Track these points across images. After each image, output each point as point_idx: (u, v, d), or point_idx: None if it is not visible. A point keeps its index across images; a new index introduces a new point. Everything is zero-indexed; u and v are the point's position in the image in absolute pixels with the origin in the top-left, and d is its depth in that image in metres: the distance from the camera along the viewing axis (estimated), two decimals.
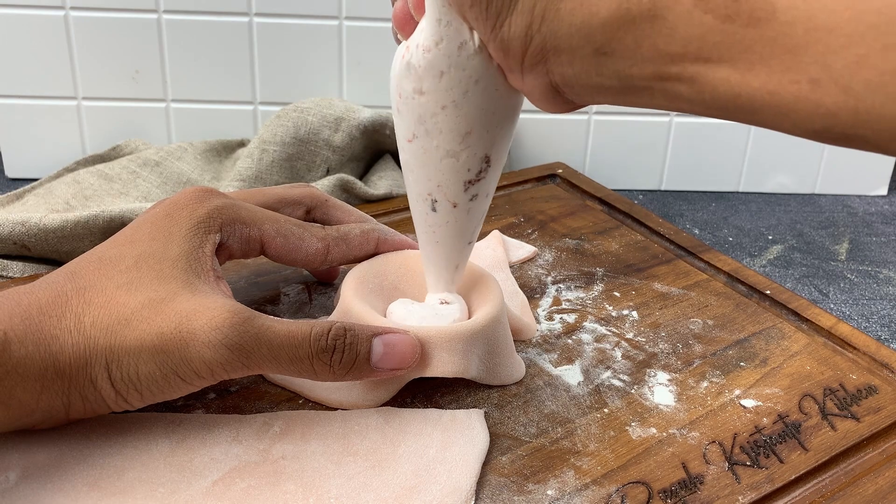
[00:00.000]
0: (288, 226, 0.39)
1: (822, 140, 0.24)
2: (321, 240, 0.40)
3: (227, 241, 0.37)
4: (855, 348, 0.44)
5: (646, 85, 0.26)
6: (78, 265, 0.34)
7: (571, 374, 0.41)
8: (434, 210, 0.37)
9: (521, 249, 0.53)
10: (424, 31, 0.32)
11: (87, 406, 0.32)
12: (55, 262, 0.50)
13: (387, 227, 0.44)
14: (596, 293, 0.49)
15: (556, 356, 0.42)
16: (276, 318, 0.34)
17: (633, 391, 0.40)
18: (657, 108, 0.28)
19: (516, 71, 0.30)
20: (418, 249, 0.41)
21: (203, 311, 0.32)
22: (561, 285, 0.49)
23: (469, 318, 0.40)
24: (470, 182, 0.35)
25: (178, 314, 0.32)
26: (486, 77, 0.32)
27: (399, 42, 0.35)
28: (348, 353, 0.34)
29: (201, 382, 0.33)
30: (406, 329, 0.36)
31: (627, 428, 0.37)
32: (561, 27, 0.27)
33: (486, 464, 0.35)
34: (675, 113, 0.72)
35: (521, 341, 0.43)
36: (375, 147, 0.65)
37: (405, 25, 0.33)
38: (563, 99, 0.30)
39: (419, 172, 0.36)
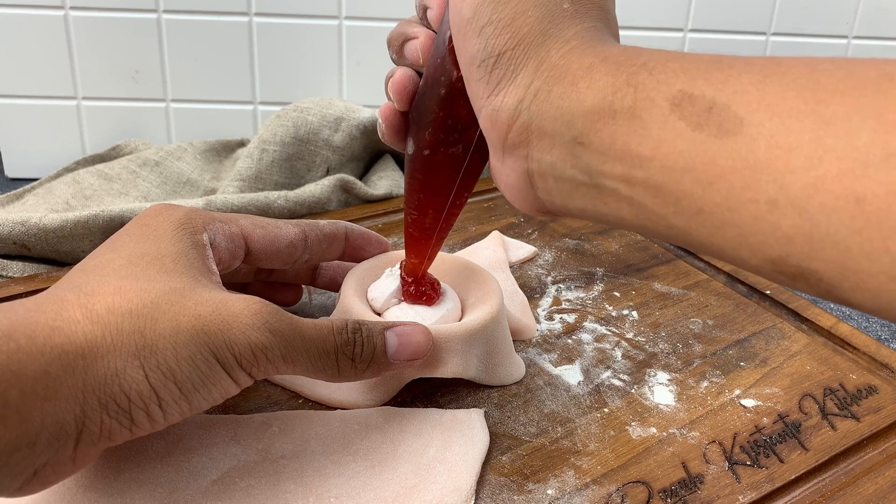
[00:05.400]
0: (263, 220, 0.39)
1: (777, 279, 0.23)
2: (296, 225, 0.40)
3: (215, 240, 0.35)
4: (855, 348, 0.44)
5: (613, 186, 0.26)
6: (63, 280, 0.31)
7: (571, 374, 0.41)
8: None
9: (521, 249, 0.53)
10: None
11: (107, 417, 0.27)
12: (55, 263, 0.50)
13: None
14: (596, 293, 0.49)
15: (556, 356, 0.42)
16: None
17: (633, 391, 0.40)
18: (624, 224, 0.27)
19: (498, 150, 0.30)
20: (384, 245, 0.43)
21: (236, 300, 0.30)
22: (561, 285, 0.49)
23: (463, 312, 0.40)
24: None
25: (210, 300, 0.30)
26: None
27: (394, 60, 0.35)
28: (367, 346, 0.34)
29: (241, 376, 0.30)
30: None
31: (627, 428, 0.37)
32: (549, 108, 0.27)
33: (486, 463, 0.35)
34: None
35: (520, 341, 0.43)
36: (375, 147, 0.64)
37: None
38: (534, 195, 0.30)
39: None
